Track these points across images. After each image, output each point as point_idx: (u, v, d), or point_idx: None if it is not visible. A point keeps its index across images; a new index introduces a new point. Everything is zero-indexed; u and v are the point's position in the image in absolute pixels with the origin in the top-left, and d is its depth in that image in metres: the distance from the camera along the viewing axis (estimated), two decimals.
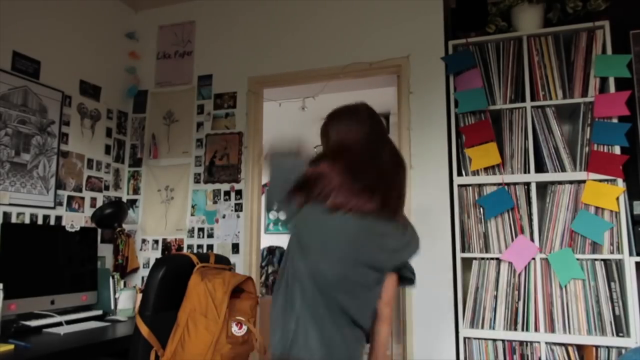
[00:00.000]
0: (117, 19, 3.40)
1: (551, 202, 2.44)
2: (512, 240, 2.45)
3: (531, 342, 2.34)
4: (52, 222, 2.80)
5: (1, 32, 2.56)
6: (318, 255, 1.29)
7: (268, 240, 6.16)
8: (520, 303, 2.39)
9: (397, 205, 1.39)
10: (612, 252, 2.31)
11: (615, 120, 2.39)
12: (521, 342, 2.35)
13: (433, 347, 2.55)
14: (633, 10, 2.55)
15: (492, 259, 2.48)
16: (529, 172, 2.47)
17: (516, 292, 2.40)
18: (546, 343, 2.31)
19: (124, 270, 3.09)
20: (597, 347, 2.25)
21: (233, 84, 3.21)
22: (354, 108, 1.48)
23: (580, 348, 2.30)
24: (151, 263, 3.21)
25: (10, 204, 2.55)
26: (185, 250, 3.15)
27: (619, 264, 2.29)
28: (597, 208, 2.35)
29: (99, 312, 2.63)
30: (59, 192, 2.86)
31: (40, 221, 2.72)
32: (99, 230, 3.01)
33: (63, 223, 2.85)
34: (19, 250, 2.39)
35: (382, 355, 1.43)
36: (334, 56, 2.96)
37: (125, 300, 2.71)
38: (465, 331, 2.43)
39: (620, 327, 2.24)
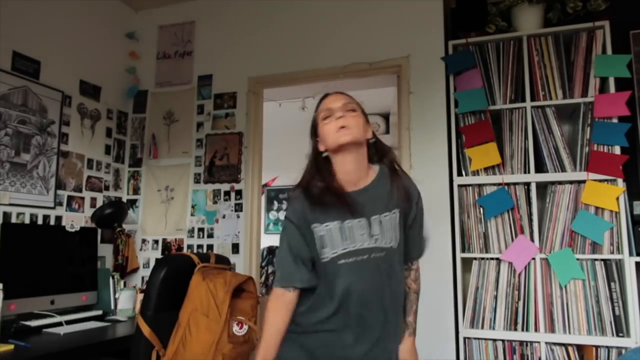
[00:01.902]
0: (117, 19, 3.39)
1: (551, 202, 2.44)
2: (512, 240, 2.45)
3: (531, 342, 2.34)
4: (52, 222, 2.80)
5: (1, 32, 2.55)
6: None
7: (268, 240, 6.16)
8: (520, 303, 2.39)
9: None
10: (612, 252, 2.31)
11: (615, 120, 2.39)
12: (521, 342, 2.35)
13: (433, 347, 2.55)
14: (633, 10, 2.55)
15: (492, 259, 2.48)
16: (529, 172, 2.48)
17: (516, 292, 2.41)
18: (546, 343, 2.31)
19: (124, 270, 3.09)
20: (597, 347, 2.26)
21: (233, 84, 3.21)
22: None
23: (580, 348, 2.30)
24: (151, 263, 3.21)
25: (10, 204, 2.55)
26: (185, 250, 3.15)
27: (619, 264, 2.29)
28: (597, 208, 2.35)
29: (99, 312, 2.63)
30: (59, 192, 2.86)
31: (40, 221, 2.72)
32: (99, 230, 3.01)
33: (63, 223, 2.85)
34: (19, 250, 2.39)
35: None
36: (334, 56, 2.96)
37: (125, 300, 2.71)
38: (465, 331, 2.43)
39: (620, 327, 2.24)
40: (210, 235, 3.12)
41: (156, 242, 3.26)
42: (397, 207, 1.42)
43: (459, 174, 2.60)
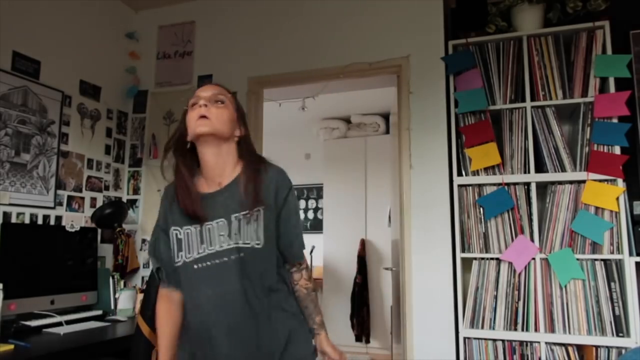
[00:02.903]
0: (117, 19, 3.39)
1: (551, 202, 2.44)
2: (512, 240, 2.45)
3: (531, 342, 2.34)
4: (52, 222, 2.80)
5: (1, 32, 2.55)
6: None
7: None
8: (520, 303, 2.39)
9: None
10: (612, 252, 2.31)
11: (615, 120, 2.39)
12: (521, 342, 2.35)
13: (433, 347, 2.55)
14: (633, 10, 2.55)
15: (492, 259, 2.48)
16: (529, 172, 2.48)
17: (516, 292, 2.41)
18: (546, 343, 2.31)
19: (124, 270, 3.09)
20: (597, 347, 2.26)
21: (233, 84, 3.19)
22: None
23: (580, 348, 2.30)
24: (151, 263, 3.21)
25: (10, 204, 2.55)
26: None
27: (619, 264, 2.29)
28: (597, 208, 2.35)
29: (99, 312, 2.63)
30: (59, 192, 2.86)
31: (40, 221, 2.72)
32: (99, 230, 3.01)
33: (63, 223, 2.85)
34: (19, 250, 2.39)
35: None
36: (334, 56, 2.96)
37: (125, 300, 2.71)
38: (465, 331, 2.43)
39: (620, 327, 2.24)
40: None
41: None
42: (263, 205, 1.35)
43: (459, 174, 2.60)
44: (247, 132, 1.46)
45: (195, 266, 1.32)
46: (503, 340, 2.38)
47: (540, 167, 2.48)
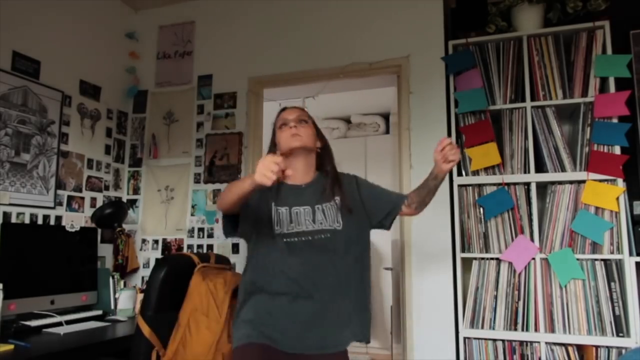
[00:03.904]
0: (117, 19, 3.39)
1: (551, 202, 2.44)
2: (512, 240, 2.45)
3: (531, 342, 2.34)
4: (52, 222, 2.80)
5: (1, 32, 2.55)
6: None
7: None
8: (520, 303, 2.39)
9: None
10: (612, 252, 2.31)
11: (615, 120, 2.39)
12: (521, 342, 2.35)
13: (433, 347, 2.55)
14: (633, 10, 2.55)
15: (492, 259, 2.48)
16: (529, 172, 2.48)
17: (516, 292, 2.41)
18: (546, 343, 2.31)
19: (124, 270, 3.09)
20: (597, 347, 2.26)
21: (233, 84, 3.21)
22: None
23: (580, 348, 2.30)
24: (151, 263, 3.21)
25: (10, 204, 2.55)
26: (185, 250, 3.15)
27: (619, 264, 2.29)
28: (597, 208, 2.35)
29: (99, 312, 2.63)
30: (59, 192, 2.86)
31: (40, 221, 2.72)
32: (99, 230, 3.01)
33: (63, 223, 2.85)
34: (19, 250, 2.39)
35: None
36: (334, 56, 2.96)
37: (125, 300, 2.71)
38: (465, 331, 2.43)
39: (620, 327, 2.24)
40: (210, 235, 3.12)
41: (156, 242, 3.26)
42: (337, 196, 1.69)
43: (459, 174, 2.60)
44: (326, 141, 1.81)
45: (285, 240, 1.61)
46: (503, 340, 2.38)
47: (540, 167, 2.48)
